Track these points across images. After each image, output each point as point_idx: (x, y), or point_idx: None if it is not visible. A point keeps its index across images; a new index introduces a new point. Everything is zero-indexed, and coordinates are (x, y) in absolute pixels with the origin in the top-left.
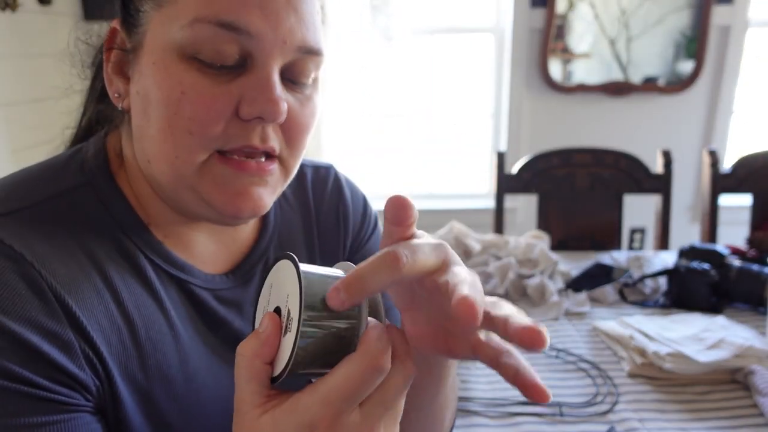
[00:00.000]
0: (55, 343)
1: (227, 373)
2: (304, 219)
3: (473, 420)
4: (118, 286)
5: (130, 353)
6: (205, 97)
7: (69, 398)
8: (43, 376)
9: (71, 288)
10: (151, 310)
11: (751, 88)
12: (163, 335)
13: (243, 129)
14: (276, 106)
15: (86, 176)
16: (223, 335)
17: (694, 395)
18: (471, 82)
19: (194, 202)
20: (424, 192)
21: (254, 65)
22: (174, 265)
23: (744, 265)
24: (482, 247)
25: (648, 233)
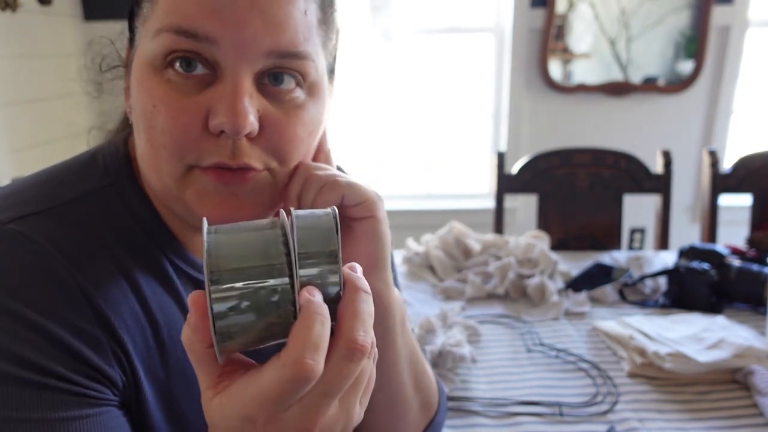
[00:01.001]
0: (85, 340)
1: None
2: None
3: (473, 420)
4: (142, 286)
5: (152, 352)
6: (173, 110)
7: (100, 393)
8: (75, 371)
9: (99, 287)
10: (173, 311)
11: (751, 88)
12: (178, 331)
13: (215, 144)
14: (237, 118)
15: (110, 178)
16: None
17: (694, 395)
18: (471, 82)
19: (184, 212)
20: (424, 192)
21: (222, 75)
22: (193, 266)
23: (744, 265)
24: (482, 247)
25: (648, 233)
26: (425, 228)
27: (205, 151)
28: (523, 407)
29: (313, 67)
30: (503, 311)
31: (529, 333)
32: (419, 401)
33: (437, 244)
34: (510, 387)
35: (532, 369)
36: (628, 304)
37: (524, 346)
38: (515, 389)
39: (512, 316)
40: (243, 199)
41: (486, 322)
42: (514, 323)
